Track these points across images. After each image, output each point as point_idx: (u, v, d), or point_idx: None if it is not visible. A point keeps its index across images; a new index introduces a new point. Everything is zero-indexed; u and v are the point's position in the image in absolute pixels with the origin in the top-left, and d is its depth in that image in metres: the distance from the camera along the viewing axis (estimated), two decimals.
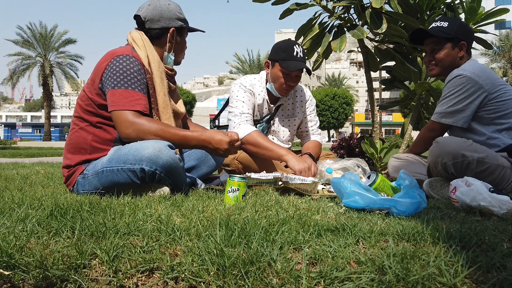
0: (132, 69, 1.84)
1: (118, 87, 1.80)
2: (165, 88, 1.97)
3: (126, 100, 1.80)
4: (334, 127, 36.53)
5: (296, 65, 2.45)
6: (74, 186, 1.90)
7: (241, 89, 2.60)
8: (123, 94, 1.80)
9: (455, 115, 2.12)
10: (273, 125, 2.73)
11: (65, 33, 31.04)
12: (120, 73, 1.82)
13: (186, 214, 1.33)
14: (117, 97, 1.80)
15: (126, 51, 1.88)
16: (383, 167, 2.97)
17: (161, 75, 1.95)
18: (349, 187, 1.52)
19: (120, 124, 1.81)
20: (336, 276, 0.86)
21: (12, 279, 0.93)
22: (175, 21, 2.02)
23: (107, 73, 1.83)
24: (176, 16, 2.03)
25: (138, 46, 1.95)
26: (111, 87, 1.81)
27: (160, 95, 1.93)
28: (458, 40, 2.18)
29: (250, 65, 42.21)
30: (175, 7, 2.04)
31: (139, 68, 1.87)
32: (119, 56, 1.85)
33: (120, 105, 1.79)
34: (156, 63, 1.95)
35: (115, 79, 1.81)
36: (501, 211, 1.44)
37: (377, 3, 2.63)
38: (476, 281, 0.84)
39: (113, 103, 1.80)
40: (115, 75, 1.81)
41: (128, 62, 1.84)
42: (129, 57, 1.86)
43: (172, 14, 2.01)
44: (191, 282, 0.90)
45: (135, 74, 1.85)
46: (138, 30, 2.02)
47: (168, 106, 1.96)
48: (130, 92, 1.81)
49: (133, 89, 1.83)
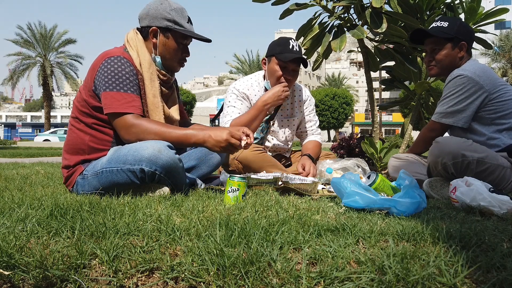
0: (124, 71, 1.83)
1: (110, 89, 1.80)
2: (156, 89, 1.93)
3: (119, 102, 1.79)
4: (334, 127, 36.50)
5: (292, 55, 2.47)
6: (73, 186, 1.90)
7: (233, 94, 2.63)
8: (115, 96, 1.79)
9: (455, 115, 2.12)
10: (272, 126, 2.73)
11: (65, 33, 31.06)
12: (112, 75, 1.81)
13: (186, 214, 1.33)
14: (110, 100, 1.79)
15: (118, 52, 1.87)
16: (383, 167, 2.97)
17: (151, 76, 1.92)
18: (349, 187, 1.52)
19: (119, 128, 1.81)
20: (336, 276, 0.86)
21: (12, 279, 0.93)
22: (159, 20, 1.94)
23: (99, 75, 1.82)
24: (162, 15, 1.94)
25: (131, 46, 1.93)
26: (104, 90, 1.80)
27: (149, 97, 1.90)
28: (458, 40, 2.18)
29: (250, 65, 42.22)
30: (165, 7, 1.95)
31: (131, 69, 1.86)
32: (111, 57, 1.84)
33: (113, 107, 1.79)
34: (146, 63, 1.92)
35: (107, 81, 1.80)
36: (501, 211, 1.44)
37: (377, 3, 2.63)
38: (476, 281, 0.84)
39: (107, 106, 1.80)
40: (107, 77, 1.80)
41: (119, 64, 1.83)
42: (120, 59, 1.84)
43: (158, 13, 1.94)
44: (191, 282, 0.90)
45: (127, 75, 1.83)
46: (135, 30, 2.00)
47: (159, 109, 1.92)
48: (122, 94, 1.81)
49: (125, 91, 1.82)
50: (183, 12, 1.99)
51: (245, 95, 2.63)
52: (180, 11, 1.98)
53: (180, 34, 1.97)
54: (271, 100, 2.49)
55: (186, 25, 1.99)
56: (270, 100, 2.49)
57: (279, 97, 2.49)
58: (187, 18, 2.01)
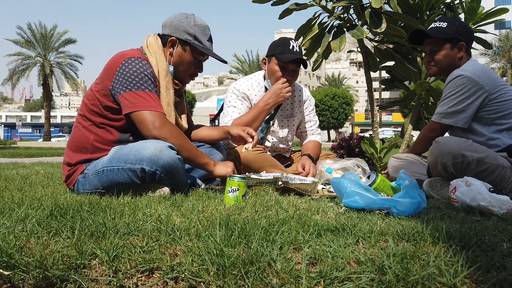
0: (146, 71, 1.85)
1: (136, 89, 1.80)
2: (170, 98, 1.95)
3: (146, 101, 1.80)
4: (334, 127, 36.49)
5: (292, 56, 2.47)
6: (74, 185, 1.90)
7: (234, 94, 2.64)
8: (142, 95, 1.81)
9: (455, 115, 2.12)
10: (272, 126, 2.73)
11: (65, 33, 31.03)
12: (135, 75, 1.81)
13: (186, 214, 1.33)
14: (136, 98, 1.79)
15: (137, 54, 1.89)
16: (383, 167, 2.97)
17: (167, 85, 1.95)
18: (349, 187, 1.52)
19: (148, 124, 1.79)
20: (336, 276, 0.86)
21: (12, 279, 0.93)
22: (181, 32, 1.98)
23: (119, 75, 1.82)
24: (185, 28, 1.98)
25: (150, 52, 1.95)
26: (127, 89, 1.80)
27: (163, 105, 1.92)
28: (457, 40, 2.18)
29: (249, 65, 42.21)
30: (190, 21, 1.99)
31: (151, 71, 1.88)
32: (131, 58, 1.84)
33: (141, 106, 1.79)
34: (163, 71, 1.94)
35: (130, 81, 1.80)
36: (501, 211, 1.44)
37: (376, 3, 2.63)
38: (476, 281, 0.84)
39: (133, 105, 1.79)
40: (130, 77, 1.80)
41: (141, 65, 1.84)
42: (140, 60, 1.86)
43: (181, 25, 1.98)
44: (191, 282, 0.90)
45: (149, 76, 1.86)
46: (156, 35, 2.03)
47: (171, 117, 1.95)
48: (148, 93, 1.82)
49: (150, 90, 1.83)
50: (205, 30, 2.03)
51: (245, 95, 2.63)
52: (203, 28, 2.02)
53: (198, 50, 2.01)
54: (272, 99, 2.49)
55: (206, 43, 2.03)
56: (271, 99, 2.49)
57: (279, 94, 2.49)
58: (209, 36, 2.05)
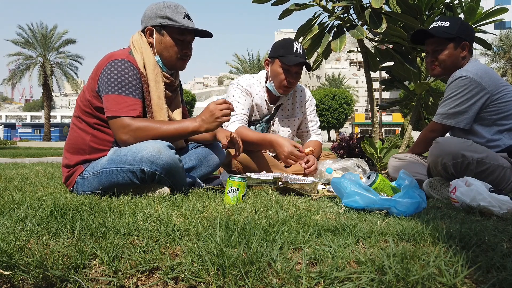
0: (127, 74, 1.83)
1: (112, 92, 1.80)
2: (160, 91, 1.93)
3: (119, 106, 1.80)
4: (334, 127, 36.50)
5: (296, 59, 2.46)
6: (73, 186, 1.90)
7: (238, 89, 2.61)
8: (116, 99, 1.80)
9: (457, 116, 2.12)
10: (272, 125, 2.73)
11: (65, 33, 31.02)
12: (115, 78, 1.81)
13: (186, 214, 1.33)
14: (111, 103, 1.80)
15: (123, 55, 1.87)
16: (383, 167, 2.97)
17: (156, 78, 1.93)
18: (349, 187, 1.52)
19: (115, 130, 1.81)
20: (336, 276, 0.86)
21: (12, 279, 0.93)
22: (153, 19, 1.94)
23: (102, 77, 1.83)
24: (156, 14, 1.93)
25: (135, 49, 1.94)
26: (106, 92, 1.81)
27: (154, 98, 1.91)
28: (460, 40, 2.17)
29: (250, 65, 42.22)
30: (159, 6, 1.94)
31: (135, 73, 1.86)
32: (115, 60, 1.84)
33: (113, 110, 1.79)
34: (151, 65, 1.92)
35: (109, 84, 1.81)
36: (501, 211, 1.44)
37: (376, 3, 2.63)
38: (476, 281, 0.84)
39: (107, 109, 1.81)
40: (110, 80, 1.81)
41: (123, 67, 1.83)
42: (124, 62, 1.84)
43: (152, 12, 1.94)
44: (191, 282, 0.90)
45: (130, 79, 1.84)
46: (139, 32, 2.00)
47: (163, 110, 1.93)
48: (123, 97, 1.81)
49: (127, 94, 1.82)
50: (177, 8, 1.96)
51: (248, 92, 2.62)
52: (174, 7, 1.95)
53: (175, 29, 1.94)
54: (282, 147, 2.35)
55: (182, 20, 1.94)
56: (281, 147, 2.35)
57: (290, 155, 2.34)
58: (184, 14, 1.96)
